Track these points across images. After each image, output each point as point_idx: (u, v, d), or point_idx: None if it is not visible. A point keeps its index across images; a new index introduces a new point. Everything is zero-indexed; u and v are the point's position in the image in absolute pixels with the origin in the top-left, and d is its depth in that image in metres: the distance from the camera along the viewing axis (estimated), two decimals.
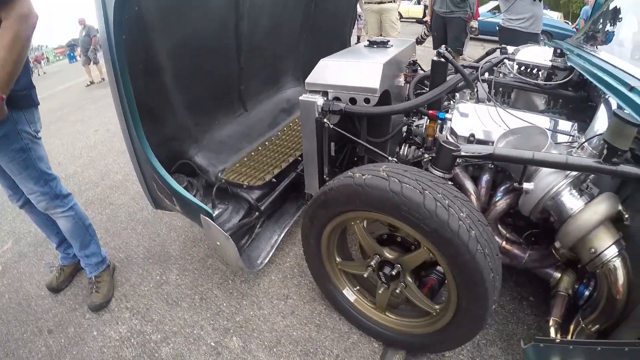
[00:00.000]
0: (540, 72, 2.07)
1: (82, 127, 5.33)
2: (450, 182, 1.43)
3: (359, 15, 7.05)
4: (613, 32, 2.33)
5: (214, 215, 1.73)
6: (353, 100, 1.72)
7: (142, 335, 1.93)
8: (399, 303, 1.85)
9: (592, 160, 1.32)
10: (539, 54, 2.13)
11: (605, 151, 1.29)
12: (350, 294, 1.82)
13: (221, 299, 2.09)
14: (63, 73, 11.26)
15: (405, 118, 2.09)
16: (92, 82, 9.48)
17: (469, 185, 1.68)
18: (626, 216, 1.44)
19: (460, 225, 1.19)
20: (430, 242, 1.28)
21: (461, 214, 1.21)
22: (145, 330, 1.95)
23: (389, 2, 5.32)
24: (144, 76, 1.73)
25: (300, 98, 1.76)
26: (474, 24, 4.53)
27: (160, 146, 1.71)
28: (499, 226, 1.75)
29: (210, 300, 2.09)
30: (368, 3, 5.40)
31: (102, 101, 6.73)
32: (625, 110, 1.36)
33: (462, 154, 1.45)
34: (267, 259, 2.05)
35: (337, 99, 1.74)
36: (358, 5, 5.80)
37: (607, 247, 1.34)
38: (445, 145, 1.47)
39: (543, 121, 1.76)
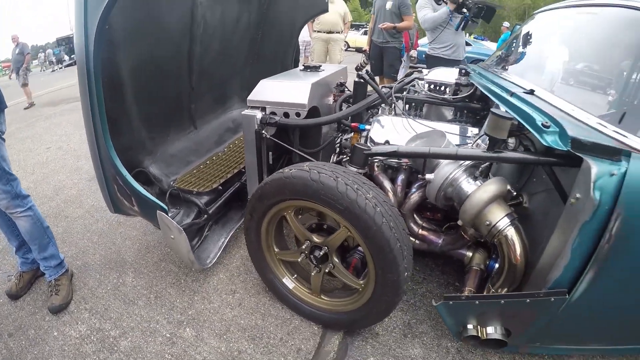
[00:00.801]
0: (447, 89, 2.54)
1: (33, 144, 5.42)
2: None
3: (301, 44, 7.69)
4: (516, 54, 2.84)
5: (175, 223, 2.02)
6: (287, 115, 2.10)
7: (102, 332, 2.15)
8: (333, 288, 2.21)
9: (479, 150, 1.74)
10: (447, 74, 2.61)
11: (488, 142, 1.71)
12: (289, 281, 2.16)
13: (174, 296, 2.37)
14: (12, 88, 11.09)
15: (336, 133, 2.50)
16: (32, 104, 8.95)
17: (386, 184, 2.08)
18: (525, 199, 1.87)
19: (367, 203, 1.55)
20: (345, 220, 1.64)
21: (368, 195, 1.58)
22: (104, 328, 2.18)
23: (336, 32, 6.06)
24: (108, 89, 1.98)
25: (242, 113, 2.11)
26: (413, 53, 5.16)
27: (118, 154, 2.00)
28: (415, 216, 2.16)
29: (165, 297, 2.36)
30: (317, 32, 6.10)
31: (53, 119, 6.80)
32: (506, 111, 1.79)
33: (372, 152, 1.86)
34: (216, 258, 2.36)
35: (273, 113, 2.11)
36: (307, 34, 6.42)
37: (499, 219, 1.72)
38: (358, 146, 1.86)
39: (453, 129, 2.20)
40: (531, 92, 1.93)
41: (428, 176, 1.87)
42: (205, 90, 2.97)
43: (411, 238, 2.14)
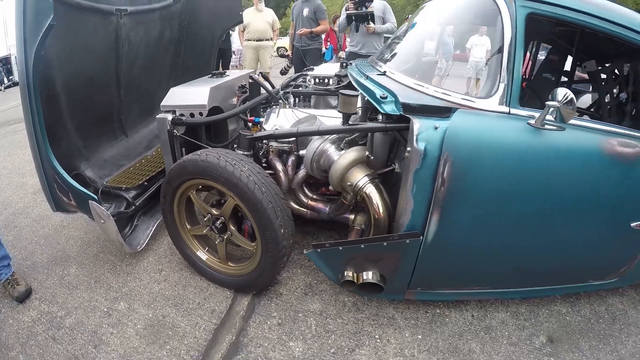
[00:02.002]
0: (330, 80, 3.36)
1: None
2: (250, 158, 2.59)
3: (234, 52, 8.96)
4: (392, 44, 3.48)
5: (105, 209, 2.73)
6: (192, 115, 2.87)
7: (50, 314, 2.83)
8: (241, 256, 2.97)
9: (337, 124, 2.49)
10: (330, 68, 3.44)
11: (343, 118, 2.45)
12: (202, 254, 2.92)
13: (111, 279, 3.09)
14: None
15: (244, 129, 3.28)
16: None
17: (278, 165, 2.84)
18: (396, 166, 2.56)
19: (242, 173, 2.29)
20: (228, 189, 2.38)
21: (243, 168, 2.32)
22: (52, 311, 2.86)
23: (265, 40, 7.26)
24: (46, 103, 2.64)
25: (157, 116, 2.88)
26: (342, 54, 6.32)
27: (57, 160, 2.66)
28: (305, 190, 2.92)
29: (103, 281, 3.08)
30: (248, 40, 7.27)
31: None
32: (359, 91, 2.54)
33: (253, 136, 2.63)
34: (145, 243, 3.10)
35: (182, 115, 2.88)
36: (238, 42, 7.54)
37: (359, 179, 2.44)
38: (242, 132, 2.64)
39: (337, 114, 2.98)
40: (383, 73, 2.69)
41: (302, 152, 2.66)
42: (134, 101, 3.73)
43: (303, 208, 2.93)
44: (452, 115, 2.08)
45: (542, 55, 4.35)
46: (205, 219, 2.74)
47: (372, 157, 2.53)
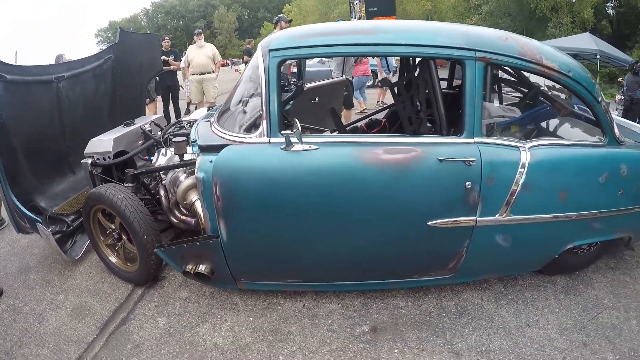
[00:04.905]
0: None
1: None
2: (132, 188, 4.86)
3: (182, 86, 12.27)
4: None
5: (47, 229, 4.86)
6: (105, 159, 5.19)
7: (14, 305, 5.00)
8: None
9: (176, 162, 4.67)
10: (202, 113, 5.70)
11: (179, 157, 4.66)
12: (113, 258, 5.16)
13: (56, 280, 5.35)
14: None
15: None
16: None
17: (162, 191, 4.98)
18: None
19: (117, 200, 4.41)
20: (112, 210, 4.56)
21: (119, 196, 4.46)
22: (15, 303, 5.05)
23: (208, 73, 10.27)
24: (6, 157, 4.44)
25: (82, 161, 5.18)
26: None
27: (20, 196, 4.71)
28: (180, 207, 5.02)
29: (51, 282, 5.34)
30: (192, 74, 10.35)
31: None
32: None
33: (133, 173, 4.86)
34: (81, 253, 5.36)
35: (98, 159, 5.20)
36: (183, 77, 10.66)
37: (191, 198, 4.36)
38: (126, 171, 4.91)
39: None
40: (208, 120, 4.41)
41: (164, 182, 4.91)
42: (79, 144, 5.75)
43: (179, 222, 5.12)
44: (222, 150, 3.39)
45: None
46: (107, 232, 5.01)
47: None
